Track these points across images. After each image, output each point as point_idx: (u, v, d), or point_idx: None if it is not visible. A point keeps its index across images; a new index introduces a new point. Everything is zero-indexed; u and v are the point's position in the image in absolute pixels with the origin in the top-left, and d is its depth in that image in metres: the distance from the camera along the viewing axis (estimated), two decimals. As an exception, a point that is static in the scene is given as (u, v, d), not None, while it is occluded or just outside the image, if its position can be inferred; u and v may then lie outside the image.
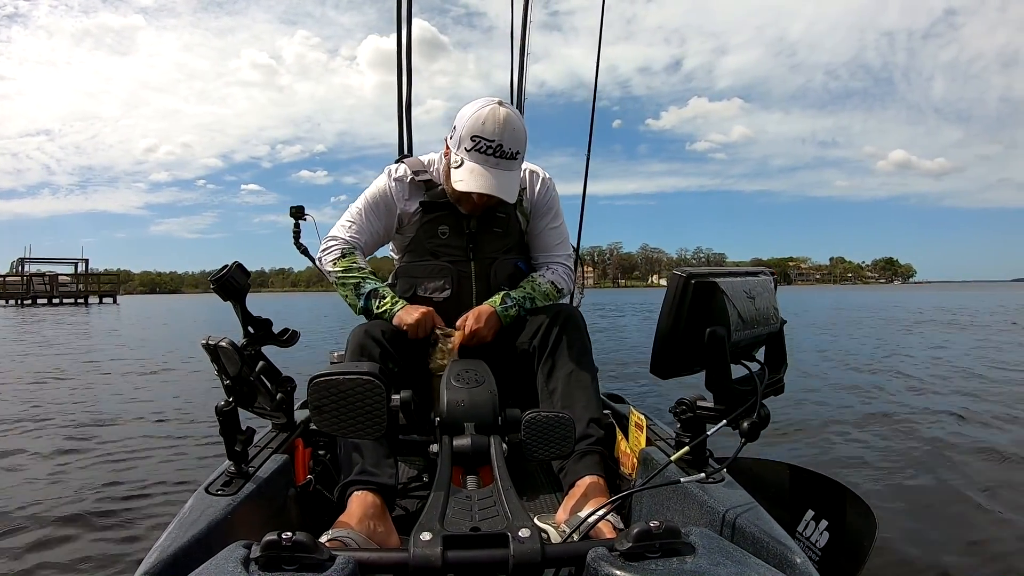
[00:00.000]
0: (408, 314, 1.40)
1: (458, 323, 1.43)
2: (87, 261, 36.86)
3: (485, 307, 1.44)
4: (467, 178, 1.35)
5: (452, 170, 1.40)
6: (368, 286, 1.46)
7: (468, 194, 1.39)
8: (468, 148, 1.36)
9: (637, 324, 12.52)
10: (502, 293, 1.47)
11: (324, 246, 1.53)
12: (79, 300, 33.40)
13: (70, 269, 35.82)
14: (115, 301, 36.42)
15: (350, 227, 1.53)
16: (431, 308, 1.43)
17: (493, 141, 1.34)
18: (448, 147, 1.44)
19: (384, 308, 1.44)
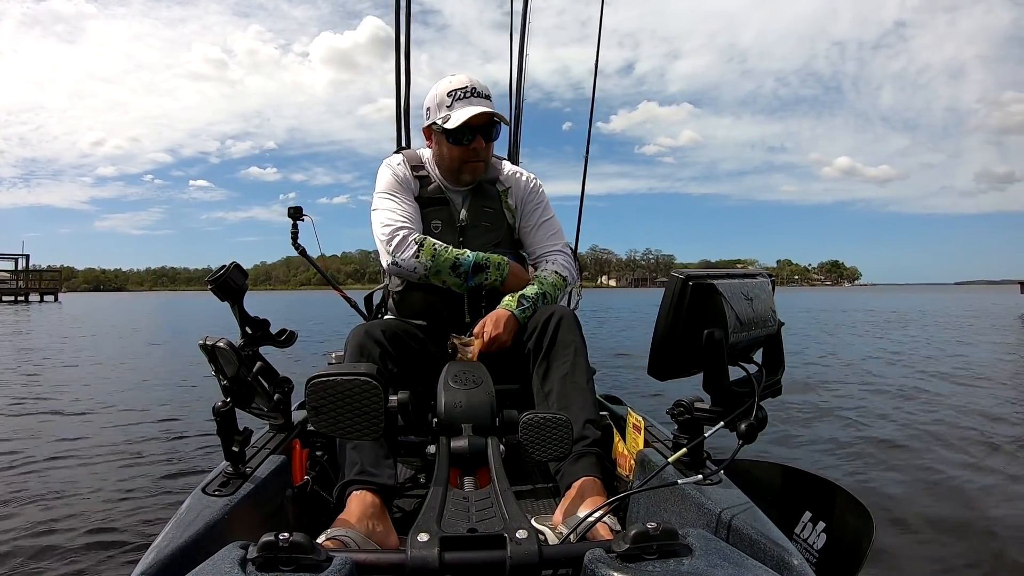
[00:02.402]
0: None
1: (475, 330, 1.42)
2: (28, 257, 35.60)
3: (502, 311, 1.44)
4: (460, 113, 1.47)
5: (444, 126, 1.49)
6: (468, 260, 1.46)
7: (469, 158, 1.51)
8: (448, 104, 1.50)
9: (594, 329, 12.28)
10: (517, 295, 1.48)
11: (390, 239, 1.45)
12: (19, 298, 32.25)
13: (10, 265, 34.49)
14: (57, 299, 35.37)
15: (392, 214, 1.49)
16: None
17: (466, 87, 1.51)
18: (428, 133, 1.57)
19: (495, 277, 1.48)
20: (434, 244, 1.47)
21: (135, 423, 3.39)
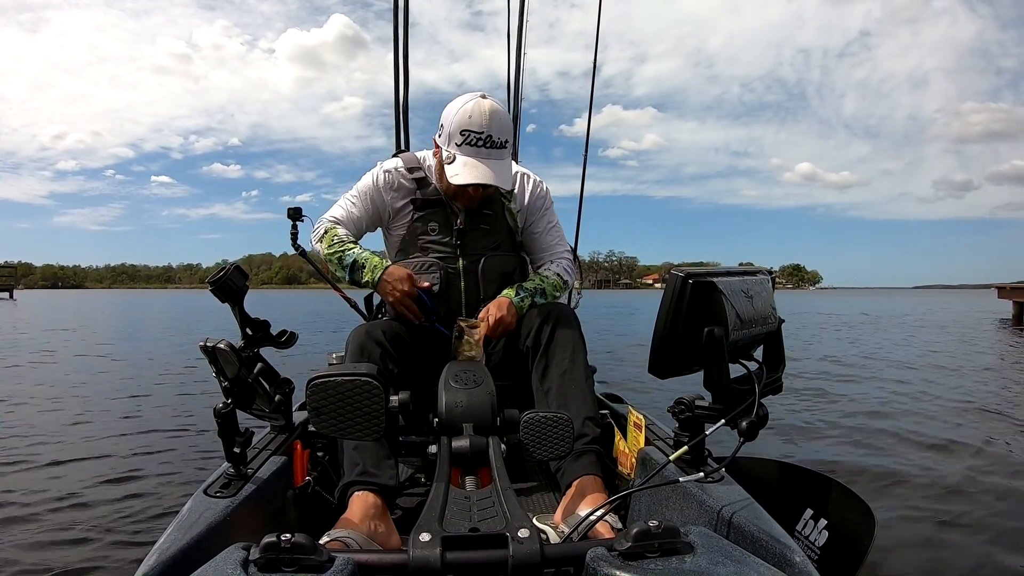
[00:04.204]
0: (390, 292, 1.43)
1: (480, 315, 1.44)
2: (-19, 252, 35.47)
3: (502, 298, 1.47)
4: (462, 171, 1.40)
5: (445, 166, 1.43)
6: (349, 257, 1.48)
7: (464, 188, 1.44)
8: (459, 143, 1.41)
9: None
10: (516, 285, 1.50)
11: (314, 229, 1.57)
12: (-27, 295, 31.32)
13: (-37, 261, 34.48)
14: (12, 296, 34.46)
15: (336, 210, 1.58)
16: (410, 280, 1.44)
17: (482, 132, 1.40)
18: (437, 146, 1.49)
19: (367, 280, 1.46)
20: (335, 235, 1.51)
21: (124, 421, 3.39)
